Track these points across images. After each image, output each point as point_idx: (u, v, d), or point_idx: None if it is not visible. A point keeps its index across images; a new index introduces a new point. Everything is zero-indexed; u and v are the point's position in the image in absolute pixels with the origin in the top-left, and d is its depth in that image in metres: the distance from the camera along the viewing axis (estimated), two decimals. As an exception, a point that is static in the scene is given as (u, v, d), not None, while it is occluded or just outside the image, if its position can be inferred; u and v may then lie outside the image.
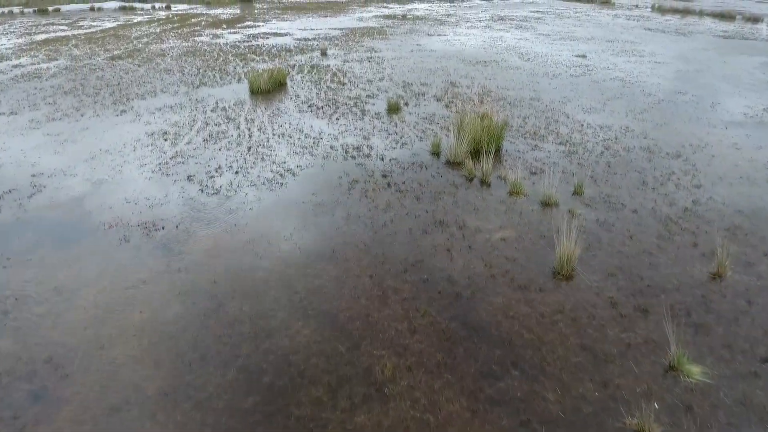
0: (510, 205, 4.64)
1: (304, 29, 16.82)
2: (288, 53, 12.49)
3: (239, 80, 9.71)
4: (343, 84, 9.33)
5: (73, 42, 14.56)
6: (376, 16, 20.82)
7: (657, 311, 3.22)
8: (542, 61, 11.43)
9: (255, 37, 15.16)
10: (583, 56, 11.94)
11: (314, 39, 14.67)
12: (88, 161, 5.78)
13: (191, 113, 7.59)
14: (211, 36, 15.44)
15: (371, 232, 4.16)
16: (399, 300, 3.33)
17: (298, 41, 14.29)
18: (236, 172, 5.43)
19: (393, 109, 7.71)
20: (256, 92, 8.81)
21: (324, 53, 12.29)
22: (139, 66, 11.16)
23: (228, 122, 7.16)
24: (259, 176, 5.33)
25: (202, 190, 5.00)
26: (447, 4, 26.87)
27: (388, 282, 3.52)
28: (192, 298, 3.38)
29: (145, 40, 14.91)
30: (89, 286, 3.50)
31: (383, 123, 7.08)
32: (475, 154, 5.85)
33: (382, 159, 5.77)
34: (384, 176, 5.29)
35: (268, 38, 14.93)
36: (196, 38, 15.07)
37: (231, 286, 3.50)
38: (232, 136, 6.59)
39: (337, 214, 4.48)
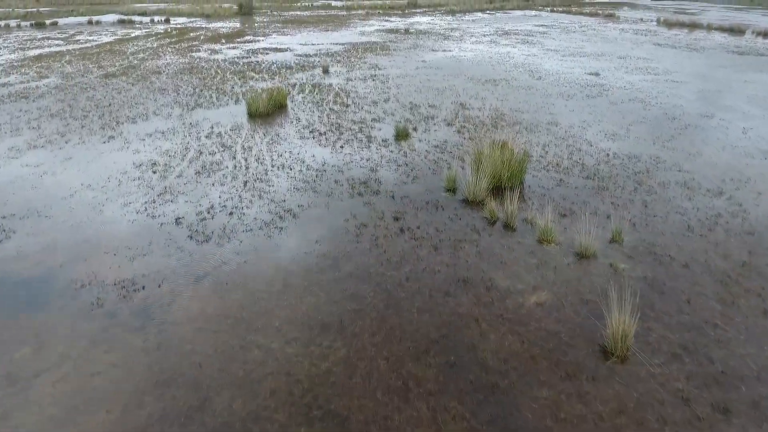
0: (541, 257, 4.07)
1: (305, 44, 16.40)
2: (288, 70, 12.01)
3: (237, 101, 9.19)
4: (347, 106, 8.81)
5: (67, 58, 14.10)
6: (378, 30, 20.45)
7: (740, 410, 2.63)
8: (554, 79, 10.95)
9: (254, 52, 14.72)
10: (596, 74, 11.47)
11: (315, 55, 14.22)
12: (67, 199, 5.22)
13: (184, 140, 7.05)
14: (209, 51, 15.00)
15: (385, 295, 3.59)
16: (423, 394, 2.74)
17: (298, 57, 13.83)
18: (230, 213, 4.87)
19: (401, 135, 7.17)
20: (254, 115, 8.29)
21: (326, 71, 11.81)
22: (132, 85, 10.66)
23: (223, 151, 6.61)
24: (255, 219, 4.76)
25: (191, 237, 4.43)
26: (449, 18, 26.59)
27: (408, 367, 2.93)
28: (172, 389, 2.79)
29: (141, 55, 14.45)
30: (49, 372, 2.91)
31: (391, 152, 6.53)
32: (495, 190, 5.30)
33: (393, 197, 5.21)
34: (396, 219, 4.73)
35: (267, 54, 14.48)
36: (193, 54, 14.61)
37: (219, 371, 2.92)
38: (227, 167, 6.04)
39: (345, 270, 3.90)
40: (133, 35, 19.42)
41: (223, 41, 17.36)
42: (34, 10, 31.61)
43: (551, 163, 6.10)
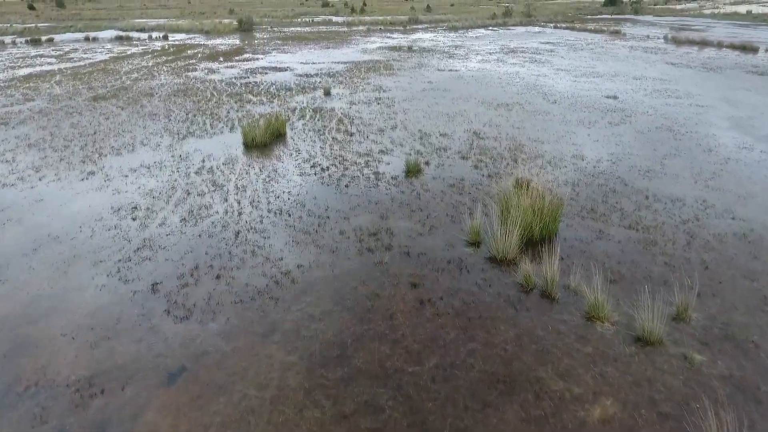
0: (596, 345, 3.32)
1: (306, 63, 15.82)
2: (288, 92, 11.37)
3: (232, 128, 8.51)
4: (351, 134, 8.13)
5: (57, 78, 13.49)
6: (380, 48, 19.93)
7: None
8: (570, 103, 10.29)
9: (253, 72, 14.11)
10: (614, 97, 10.82)
11: (316, 75, 13.62)
12: (29, 255, 4.48)
13: (171, 177, 6.33)
14: (206, 71, 14.39)
15: (407, 405, 2.83)
16: None
17: (299, 77, 13.22)
18: (217, 277, 4.12)
19: (412, 170, 6.47)
20: (250, 146, 7.59)
21: (327, 93, 11.17)
22: (122, 109, 10.00)
23: (214, 191, 5.89)
24: (247, 285, 4.01)
25: (168, 312, 3.68)
26: (452, 34, 26.15)
27: None
28: None
29: (135, 75, 13.84)
30: None
31: (402, 193, 5.82)
32: (526, 243, 4.57)
33: (408, 254, 4.47)
34: (413, 286, 3.98)
35: (266, 73, 13.87)
36: (189, 73, 14.01)
37: None
38: (217, 213, 5.31)
39: (355, 364, 3.15)
40: (128, 53, 18.88)
41: (221, 59, 16.79)
42: (32, 25, 31.25)
43: (585, 209, 5.38)
